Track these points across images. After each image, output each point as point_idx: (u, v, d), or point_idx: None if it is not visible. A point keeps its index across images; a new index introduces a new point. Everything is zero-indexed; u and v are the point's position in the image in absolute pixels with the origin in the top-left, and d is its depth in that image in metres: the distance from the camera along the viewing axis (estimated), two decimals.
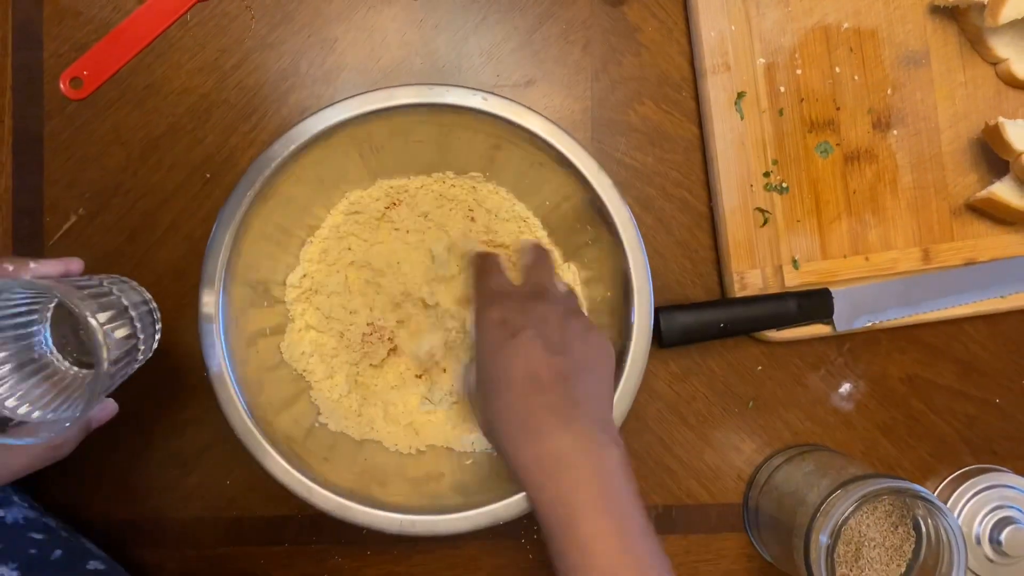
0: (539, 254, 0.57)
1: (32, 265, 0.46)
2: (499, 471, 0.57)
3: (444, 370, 0.60)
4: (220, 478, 0.64)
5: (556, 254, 0.61)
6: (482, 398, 0.48)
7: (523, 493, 0.50)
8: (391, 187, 0.60)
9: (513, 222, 0.60)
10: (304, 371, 0.58)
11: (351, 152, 0.56)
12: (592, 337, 0.49)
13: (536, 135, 0.53)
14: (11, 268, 0.45)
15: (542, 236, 0.61)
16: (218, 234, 0.52)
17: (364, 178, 0.59)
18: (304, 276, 0.59)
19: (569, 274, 0.60)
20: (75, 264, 0.49)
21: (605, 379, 0.49)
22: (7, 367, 0.45)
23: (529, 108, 0.53)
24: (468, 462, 0.59)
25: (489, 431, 0.48)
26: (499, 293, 0.52)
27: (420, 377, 0.60)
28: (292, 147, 0.52)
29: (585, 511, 0.41)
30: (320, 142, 0.53)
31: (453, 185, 0.60)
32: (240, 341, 0.53)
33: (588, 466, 0.42)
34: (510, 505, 0.51)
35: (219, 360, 0.52)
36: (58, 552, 0.54)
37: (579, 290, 0.60)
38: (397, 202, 0.60)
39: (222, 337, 0.52)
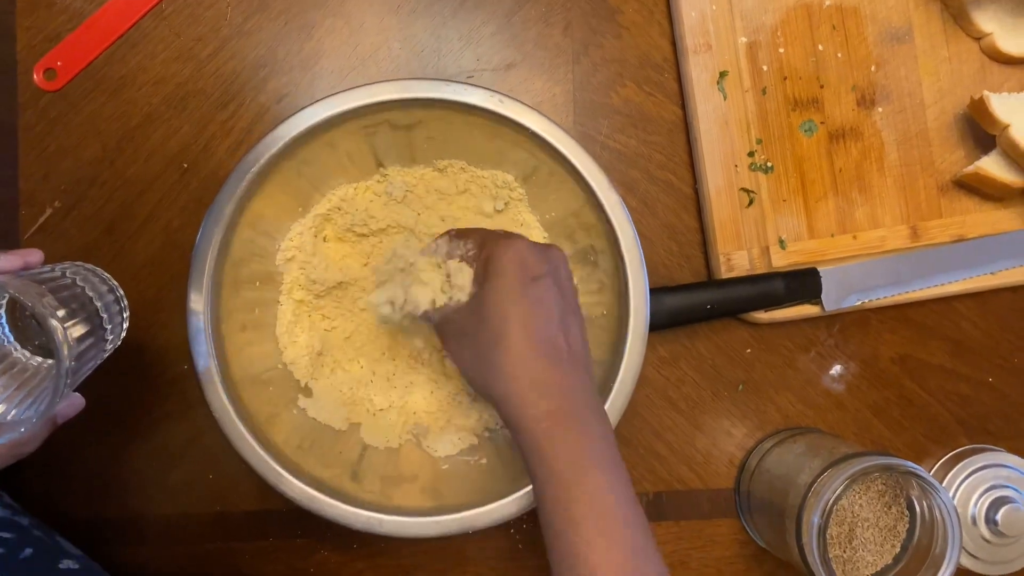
0: None
1: None
2: (474, 480, 0.57)
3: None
4: (203, 473, 0.63)
5: None
6: (479, 341, 0.46)
7: (498, 502, 0.52)
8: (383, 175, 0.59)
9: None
10: (284, 348, 0.58)
11: (342, 146, 0.55)
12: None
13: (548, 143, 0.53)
14: None
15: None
16: (210, 221, 0.52)
17: (356, 173, 0.59)
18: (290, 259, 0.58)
19: None
20: (34, 256, 0.47)
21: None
22: None
23: (543, 114, 0.54)
24: (444, 467, 0.58)
25: (484, 378, 0.46)
26: (516, 233, 0.51)
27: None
28: (295, 132, 0.52)
29: (595, 464, 0.43)
30: (317, 135, 0.53)
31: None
32: (224, 320, 0.53)
33: (597, 425, 0.45)
34: (481, 515, 0.52)
35: (201, 340, 0.51)
36: (28, 551, 0.53)
37: None
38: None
39: (208, 323, 0.51)
